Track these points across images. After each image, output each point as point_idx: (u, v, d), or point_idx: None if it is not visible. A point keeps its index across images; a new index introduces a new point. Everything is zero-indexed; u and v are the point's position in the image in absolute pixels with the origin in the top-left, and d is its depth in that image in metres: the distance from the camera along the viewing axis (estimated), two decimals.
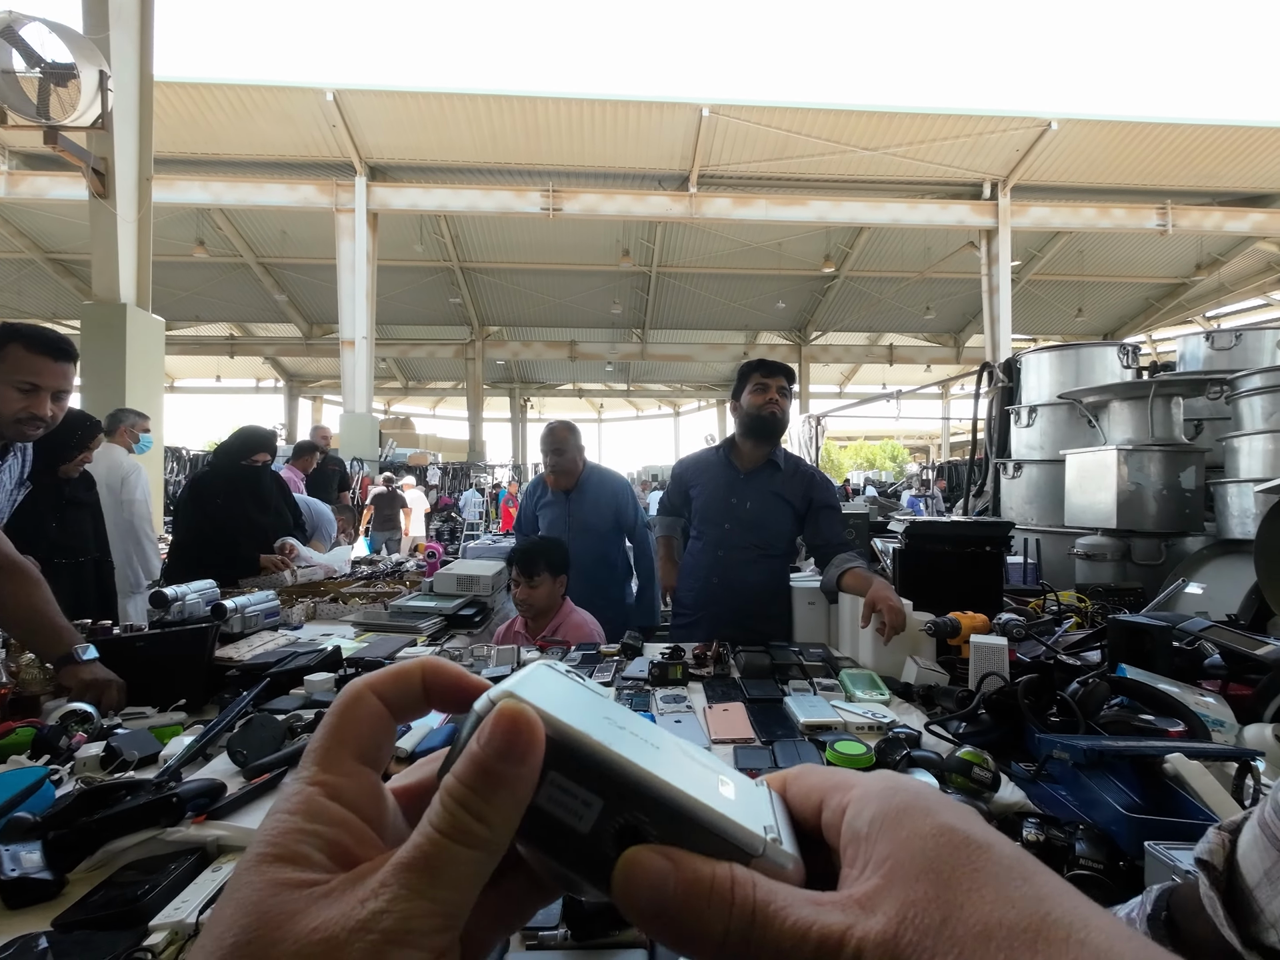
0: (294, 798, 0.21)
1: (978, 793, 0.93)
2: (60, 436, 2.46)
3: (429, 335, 18.00)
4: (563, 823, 0.20)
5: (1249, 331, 3.42)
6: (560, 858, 0.21)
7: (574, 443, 2.79)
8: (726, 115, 10.59)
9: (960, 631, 1.54)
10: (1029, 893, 0.18)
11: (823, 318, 17.30)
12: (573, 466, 2.78)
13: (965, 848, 0.19)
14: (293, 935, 0.18)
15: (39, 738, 1.14)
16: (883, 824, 0.21)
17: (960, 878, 0.18)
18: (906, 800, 0.21)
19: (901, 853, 0.20)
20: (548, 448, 2.77)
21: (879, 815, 0.21)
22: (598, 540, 2.75)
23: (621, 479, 2.93)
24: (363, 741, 0.22)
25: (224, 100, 10.17)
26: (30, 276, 14.15)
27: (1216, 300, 15.79)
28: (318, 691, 1.41)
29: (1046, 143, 11.11)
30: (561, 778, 0.20)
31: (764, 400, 2.17)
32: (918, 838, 0.20)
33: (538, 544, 2.25)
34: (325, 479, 5.86)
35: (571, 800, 0.20)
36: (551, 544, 2.26)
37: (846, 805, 0.22)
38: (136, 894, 0.76)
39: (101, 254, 5.35)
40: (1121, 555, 2.79)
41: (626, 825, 0.20)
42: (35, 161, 10.61)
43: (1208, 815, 0.81)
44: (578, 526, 2.73)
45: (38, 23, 4.58)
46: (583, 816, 0.20)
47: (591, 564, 2.69)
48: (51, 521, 2.48)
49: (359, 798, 0.21)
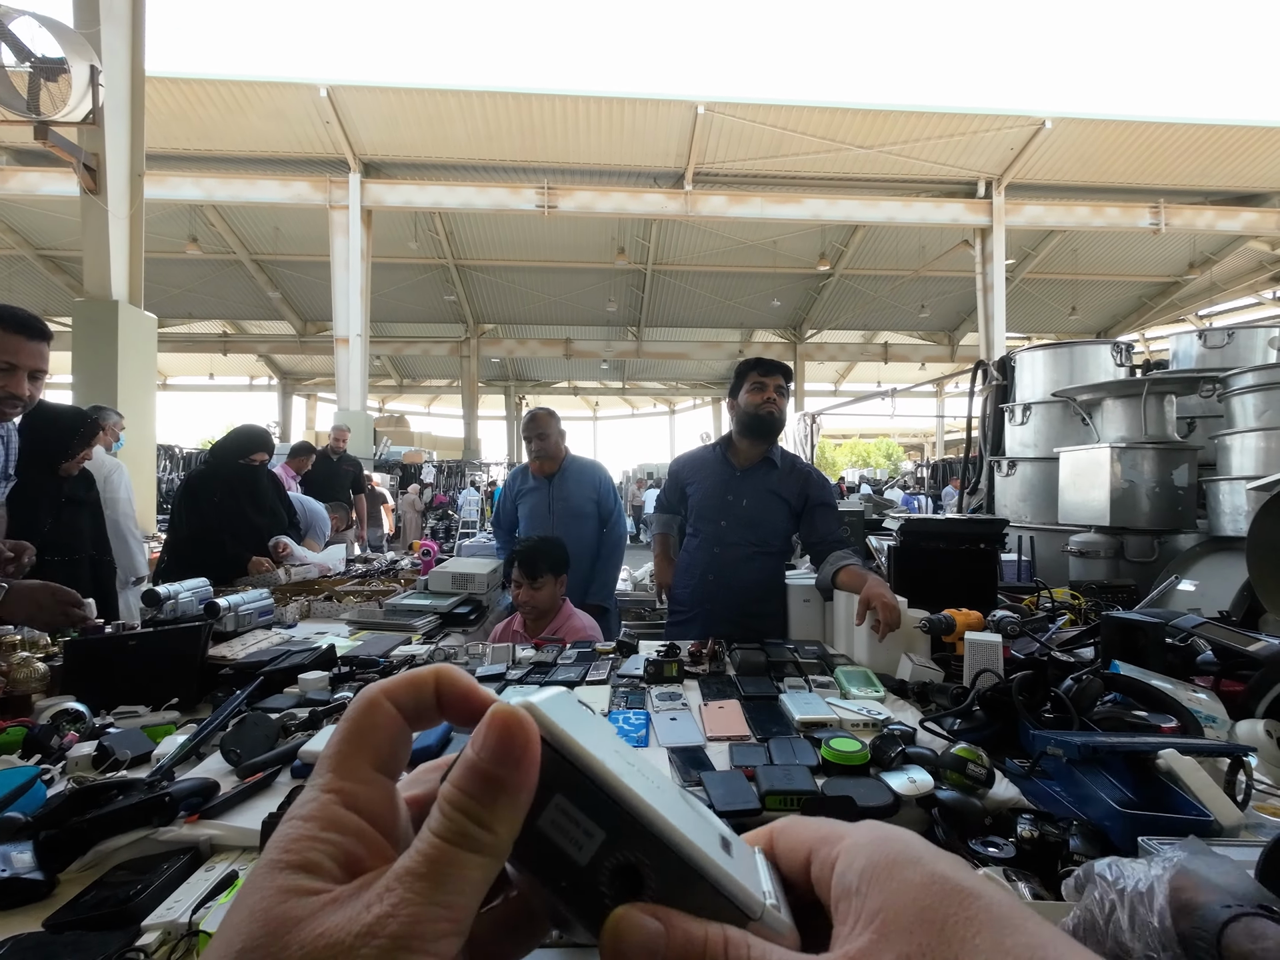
0: (309, 805, 0.21)
1: (972, 789, 0.93)
2: (63, 434, 2.45)
3: (424, 333, 17.94)
4: (562, 851, 0.20)
5: (1241, 330, 3.44)
6: (554, 887, 0.20)
7: (555, 427, 2.86)
8: (722, 113, 10.58)
9: (955, 628, 1.54)
10: (1023, 941, 0.18)
11: (818, 316, 17.32)
12: (556, 451, 2.84)
13: (957, 896, 0.19)
14: (298, 941, 0.18)
15: (30, 737, 1.13)
16: (873, 877, 0.21)
17: (955, 927, 0.19)
18: (896, 851, 0.21)
19: (893, 905, 0.20)
20: (531, 433, 2.82)
21: (868, 868, 0.21)
22: (579, 524, 2.78)
23: (601, 466, 2.98)
24: (380, 749, 0.22)
25: (217, 96, 10.09)
26: (21, 273, 14.04)
27: (1209, 299, 15.87)
28: (312, 690, 1.41)
29: (1040, 141, 11.14)
30: (567, 802, 0.20)
31: (761, 399, 2.17)
32: (910, 888, 0.20)
33: (539, 544, 2.22)
34: (339, 479, 5.84)
35: (574, 828, 0.20)
36: (552, 543, 2.25)
37: (835, 859, 0.22)
38: (128, 894, 0.76)
39: (93, 250, 5.31)
40: (1115, 552, 2.80)
41: (625, 864, 0.20)
42: (26, 157, 10.53)
43: (1200, 811, 0.81)
44: (560, 511, 2.78)
45: (27, 16, 4.53)
46: (583, 847, 0.20)
47: (572, 547, 2.72)
48: (47, 519, 2.47)
49: (375, 806, 0.21)
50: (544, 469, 2.84)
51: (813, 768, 1.02)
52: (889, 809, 0.91)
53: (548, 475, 2.83)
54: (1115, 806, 0.83)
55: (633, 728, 1.22)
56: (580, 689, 1.44)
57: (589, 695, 1.39)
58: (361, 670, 1.54)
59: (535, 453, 2.82)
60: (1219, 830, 0.80)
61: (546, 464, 2.83)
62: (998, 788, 0.96)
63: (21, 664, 1.40)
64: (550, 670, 1.57)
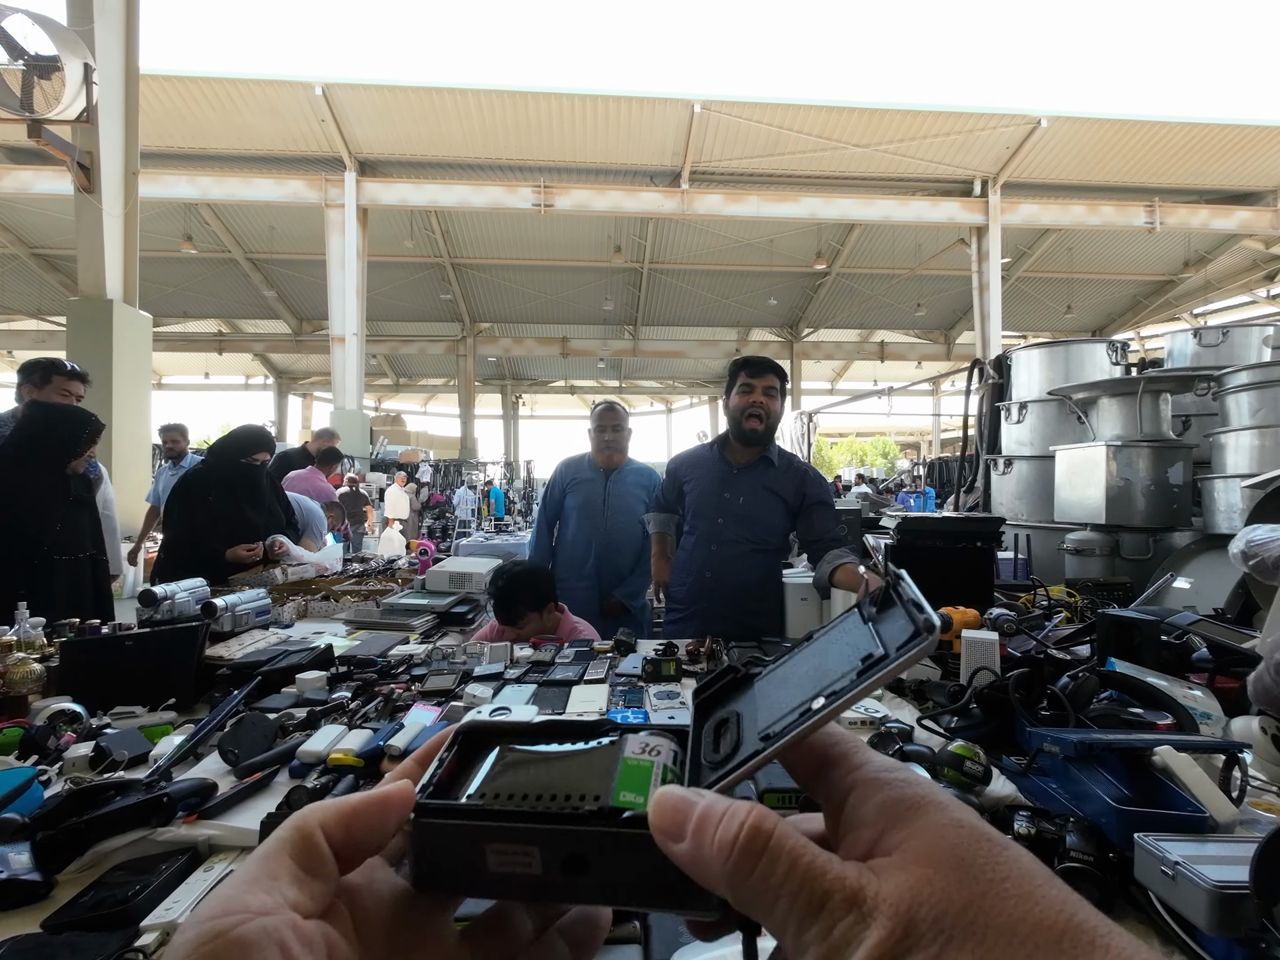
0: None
1: (969, 786, 0.93)
2: (71, 433, 2.46)
3: (420, 331, 17.90)
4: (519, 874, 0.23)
5: (1236, 328, 3.45)
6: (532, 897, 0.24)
7: (628, 424, 2.89)
8: (718, 111, 10.58)
9: (951, 627, 1.54)
10: (1054, 895, 0.18)
11: (814, 314, 17.33)
12: (626, 445, 2.88)
13: (987, 843, 0.19)
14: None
15: (27, 738, 1.13)
16: (893, 813, 0.20)
17: (984, 869, 0.18)
18: (920, 793, 0.21)
19: (918, 839, 0.19)
20: (608, 422, 2.82)
21: (889, 803, 0.21)
22: (630, 521, 2.79)
23: (655, 471, 2.97)
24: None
25: (211, 94, 10.05)
26: (14, 272, 13.95)
27: (1204, 297, 15.94)
28: (309, 690, 1.40)
29: (1036, 140, 11.17)
30: (498, 845, 0.23)
31: (748, 402, 2.15)
32: (936, 827, 0.19)
33: (512, 582, 2.00)
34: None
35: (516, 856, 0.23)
36: (529, 578, 2.05)
37: (850, 787, 0.22)
38: (127, 895, 0.76)
39: (87, 249, 5.29)
40: (1110, 550, 2.81)
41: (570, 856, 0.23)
42: (19, 155, 10.46)
43: (1195, 807, 0.81)
44: (614, 505, 2.79)
45: (20, 14, 4.51)
46: (531, 864, 0.23)
47: (622, 543, 2.77)
48: (57, 518, 2.48)
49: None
50: (611, 460, 2.83)
51: None
52: None
53: (607, 469, 2.83)
54: (1111, 803, 0.84)
55: None
56: (578, 688, 1.44)
57: (587, 694, 1.40)
58: (359, 670, 1.54)
59: (609, 443, 2.81)
60: (1214, 826, 0.80)
61: (616, 456, 2.84)
62: (995, 785, 0.96)
63: (18, 664, 1.40)
64: (548, 669, 1.57)
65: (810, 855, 0.19)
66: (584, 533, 2.78)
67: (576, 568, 2.77)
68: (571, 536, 2.81)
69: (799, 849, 0.19)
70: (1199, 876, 0.66)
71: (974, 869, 0.18)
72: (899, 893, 0.18)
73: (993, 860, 0.18)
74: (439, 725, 1.17)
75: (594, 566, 2.75)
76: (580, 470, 2.88)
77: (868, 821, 0.21)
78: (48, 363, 2.76)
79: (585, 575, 2.76)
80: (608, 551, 2.76)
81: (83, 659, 1.42)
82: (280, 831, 0.22)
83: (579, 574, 2.76)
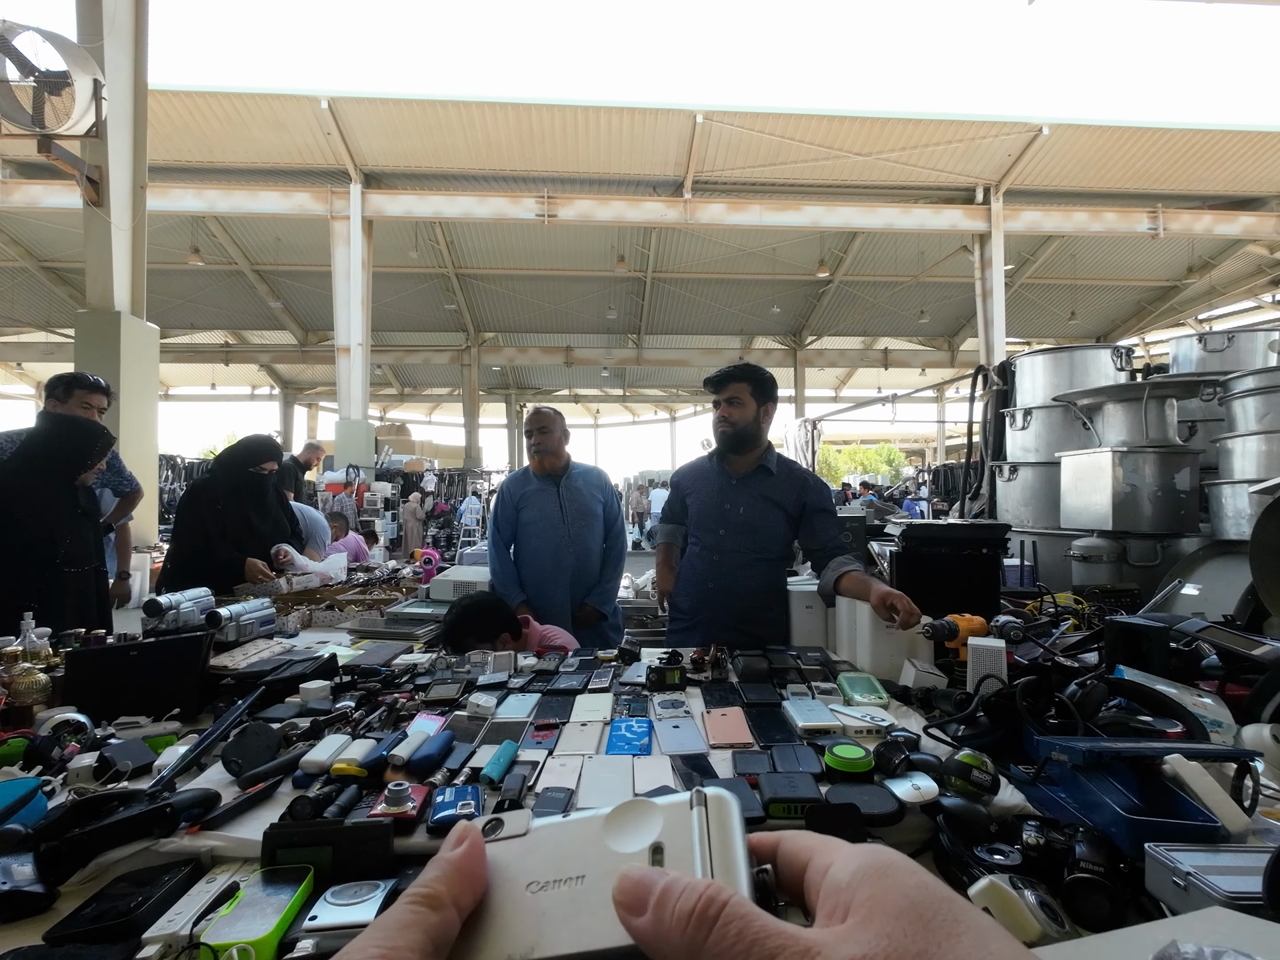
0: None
1: (977, 795, 0.92)
2: (82, 446, 2.48)
3: (425, 341, 18.00)
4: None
5: (1241, 333, 3.44)
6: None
7: (560, 426, 2.82)
8: (720, 121, 10.65)
9: (958, 634, 1.53)
10: (1008, 951, 0.19)
11: (817, 322, 17.36)
12: (558, 447, 2.79)
13: (946, 902, 0.21)
14: None
15: (31, 749, 1.13)
16: (865, 876, 0.22)
17: (941, 923, 0.20)
18: (890, 860, 0.23)
19: (883, 896, 0.21)
20: (533, 426, 2.78)
21: (862, 869, 0.23)
22: (591, 524, 2.76)
23: (603, 471, 2.96)
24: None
25: (218, 108, 10.18)
26: (24, 285, 14.11)
27: (1208, 303, 15.90)
28: (313, 700, 1.40)
29: (1038, 147, 11.20)
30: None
31: (717, 417, 2.25)
32: (901, 886, 0.21)
33: (460, 616, 1.96)
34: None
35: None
36: (477, 610, 2.00)
37: (830, 865, 0.24)
38: (129, 906, 0.75)
39: (96, 262, 5.35)
40: (1117, 557, 2.79)
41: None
42: (29, 170, 10.60)
43: (1207, 816, 0.80)
44: (574, 512, 2.73)
45: (31, 32, 4.58)
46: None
47: (590, 548, 2.74)
48: (67, 531, 2.49)
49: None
50: (545, 465, 2.77)
51: (816, 775, 1.01)
52: (893, 816, 0.90)
53: (553, 476, 2.77)
54: (1121, 813, 0.83)
55: (635, 736, 1.21)
56: (582, 697, 1.43)
57: (591, 703, 1.39)
58: (363, 679, 1.54)
59: (536, 447, 2.76)
60: (1226, 836, 0.79)
61: (548, 459, 2.76)
62: (1003, 794, 0.95)
63: (23, 675, 1.40)
64: (552, 678, 1.57)
65: (762, 920, 0.21)
66: (550, 544, 2.68)
67: (548, 582, 2.68)
68: (534, 551, 2.71)
69: (751, 915, 0.21)
70: (1211, 887, 0.65)
71: (932, 924, 0.20)
72: (859, 940, 0.20)
73: (950, 917, 0.20)
74: (444, 735, 1.16)
75: (569, 577, 2.68)
76: (527, 483, 2.80)
77: (842, 886, 0.23)
78: (70, 377, 2.79)
79: (560, 586, 2.67)
80: (579, 561, 2.70)
81: (87, 669, 1.42)
82: None
83: (553, 586, 2.67)
